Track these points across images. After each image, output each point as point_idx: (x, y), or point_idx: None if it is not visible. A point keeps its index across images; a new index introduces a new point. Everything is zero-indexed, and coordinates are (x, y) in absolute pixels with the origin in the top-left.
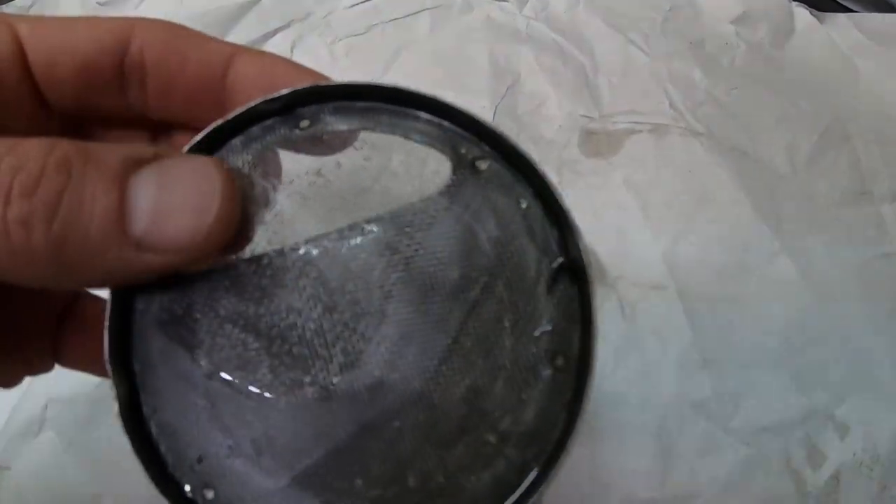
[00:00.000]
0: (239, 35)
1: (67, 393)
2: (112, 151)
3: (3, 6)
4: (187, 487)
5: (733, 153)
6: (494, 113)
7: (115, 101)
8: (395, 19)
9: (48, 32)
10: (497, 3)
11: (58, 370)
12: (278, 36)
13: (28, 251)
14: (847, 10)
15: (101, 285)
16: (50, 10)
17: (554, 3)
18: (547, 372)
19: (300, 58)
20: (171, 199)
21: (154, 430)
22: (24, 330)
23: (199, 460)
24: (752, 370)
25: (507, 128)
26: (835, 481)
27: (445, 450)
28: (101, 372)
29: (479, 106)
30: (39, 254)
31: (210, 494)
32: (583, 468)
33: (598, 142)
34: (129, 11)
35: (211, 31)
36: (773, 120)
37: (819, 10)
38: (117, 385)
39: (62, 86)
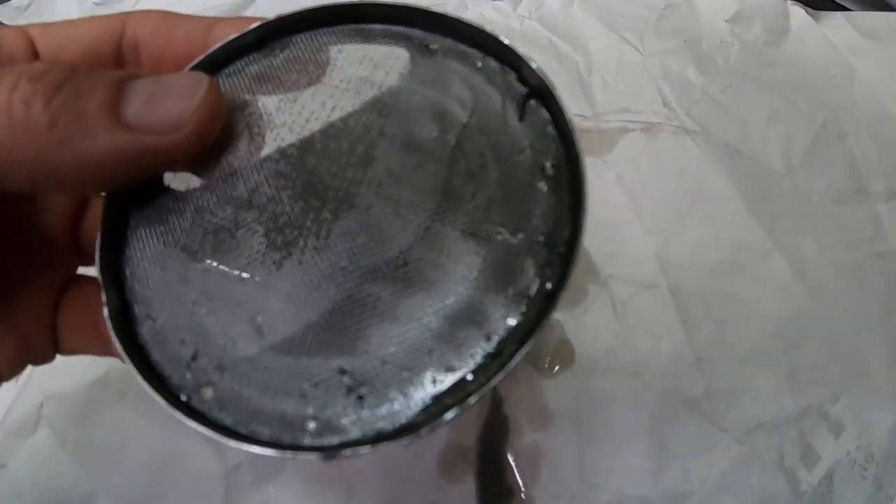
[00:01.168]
0: None
1: (63, 391)
2: (113, 71)
3: (0, 6)
4: (184, 388)
5: (727, 151)
6: None
7: None
8: None
9: (56, 30)
10: (491, 1)
11: (53, 368)
12: None
13: (26, 126)
14: (843, 8)
15: (98, 180)
16: (47, 10)
17: (548, 2)
18: (542, 184)
19: None
20: (161, 89)
21: (146, 335)
22: (21, 304)
23: (194, 357)
24: (746, 368)
25: None
26: (829, 480)
27: (464, 278)
28: (101, 351)
29: None
30: (36, 127)
31: (209, 393)
32: (573, 467)
33: (591, 140)
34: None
35: None
36: (768, 118)
37: (814, 8)
38: (107, 292)
39: None
